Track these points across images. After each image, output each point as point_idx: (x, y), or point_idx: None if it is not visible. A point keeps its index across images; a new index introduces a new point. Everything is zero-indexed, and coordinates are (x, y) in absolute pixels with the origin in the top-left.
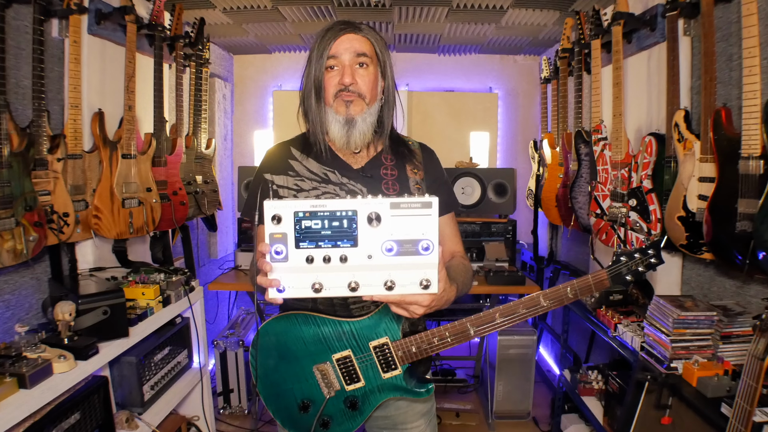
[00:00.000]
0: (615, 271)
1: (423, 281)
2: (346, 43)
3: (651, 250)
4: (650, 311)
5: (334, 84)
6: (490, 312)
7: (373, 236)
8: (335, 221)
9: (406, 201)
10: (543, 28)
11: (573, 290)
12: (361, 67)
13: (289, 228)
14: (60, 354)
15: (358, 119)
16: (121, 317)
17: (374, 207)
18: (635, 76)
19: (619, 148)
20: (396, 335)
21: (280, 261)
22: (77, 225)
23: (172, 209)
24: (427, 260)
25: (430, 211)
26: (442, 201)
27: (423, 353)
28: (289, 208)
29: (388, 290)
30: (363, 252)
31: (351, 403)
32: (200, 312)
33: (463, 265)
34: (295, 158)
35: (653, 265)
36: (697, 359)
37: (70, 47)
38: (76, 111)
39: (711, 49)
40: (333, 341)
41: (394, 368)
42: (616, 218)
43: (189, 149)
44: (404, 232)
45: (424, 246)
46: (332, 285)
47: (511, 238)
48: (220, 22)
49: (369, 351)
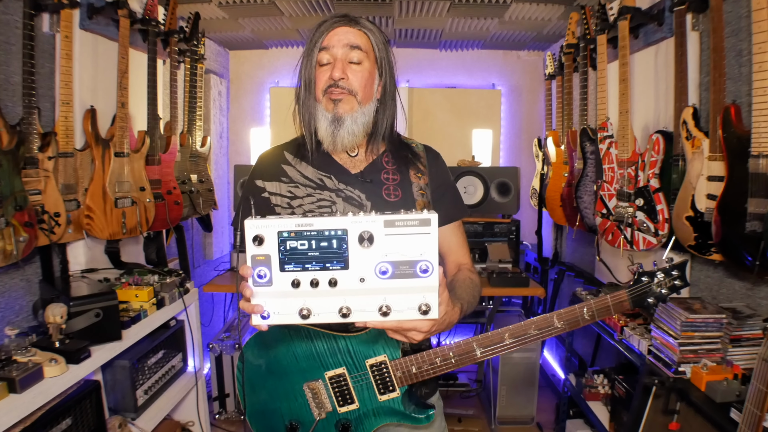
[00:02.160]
0: (636, 293)
1: (422, 306)
2: (340, 35)
3: (675, 270)
4: (658, 314)
5: (325, 79)
6: (499, 332)
7: (365, 258)
8: (323, 241)
9: (401, 218)
10: (547, 22)
11: (590, 312)
12: (354, 63)
13: (273, 249)
14: (51, 358)
15: (347, 118)
16: (114, 320)
17: (366, 226)
18: (642, 72)
19: (626, 146)
20: (395, 353)
21: (263, 285)
22: (69, 225)
23: (166, 209)
24: (425, 283)
25: (428, 229)
26: (448, 208)
27: (424, 375)
28: (272, 227)
29: (383, 316)
30: (355, 275)
31: (343, 427)
32: (195, 314)
33: (470, 280)
34: (289, 163)
35: (677, 288)
36: (706, 363)
37: (62, 42)
38: (67, 108)
39: (720, 44)
40: (327, 357)
41: (391, 390)
42: (622, 218)
43: (183, 147)
44: (400, 252)
45: (422, 268)
46: (321, 311)
47: (514, 239)
48: (215, 17)
49: (365, 369)
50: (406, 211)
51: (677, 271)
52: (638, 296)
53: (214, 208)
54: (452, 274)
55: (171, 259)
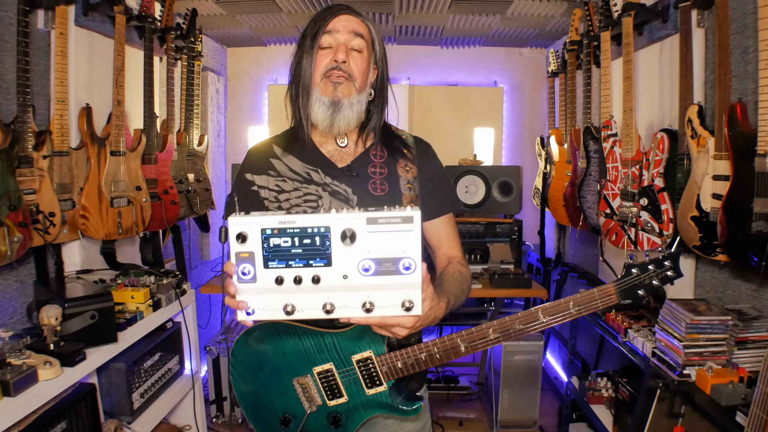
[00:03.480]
0: (625, 285)
1: (405, 302)
2: (344, 21)
3: (668, 261)
4: (662, 315)
5: (326, 63)
6: (483, 328)
7: (348, 255)
8: (306, 239)
9: (384, 215)
10: (550, 19)
11: (576, 305)
12: (355, 50)
13: (257, 246)
14: (46, 360)
15: (344, 102)
16: (110, 322)
17: (348, 223)
18: (646, 69)
19: (630, 145)
20: (381, 349)
21: (247, 282)
22: (64, 225)
23: (162, 209)
24: (408, 280)
25: (411, 227)
26: (437, 202)
27: (409, 369)
28: (256, 225)
29: (366, 312)
30: (338, 272)
31: (334, 419)
32: (192, 316)
33: (459, 273)
34: (277, 156)
35: (670, 279)
36: (711, 366)
37: (57, 39)
38: (62, 106)
39: (726, 41)
40: (314, 353)
41: (378, 384)
42: (626, 218)
43: (180, 146)
44: (383, 249)
45: (405, 265)
46: (305, 307)
47: (516, 239)
48: (213, 13)
49: (352, 365)
50: (389, 207)
51: (669, 262)
52: (627, 289)
53: (211, 208)
54: (442, 267)
55: (167, 259)
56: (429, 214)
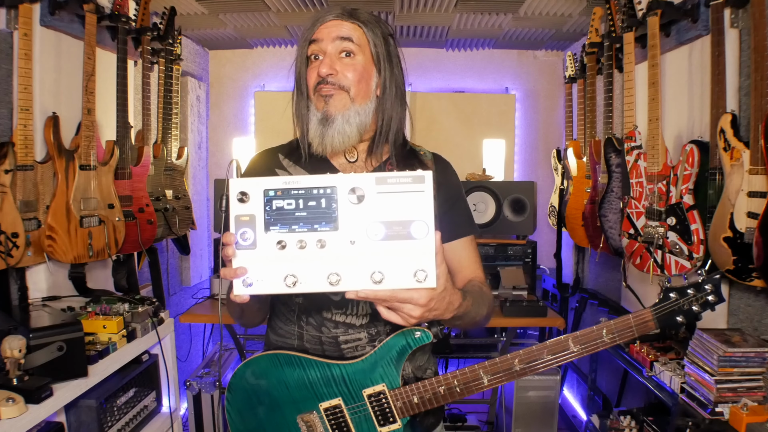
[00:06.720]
0: (663, 311)
1: (417, 272)
2: (330, 27)
3: (708, 285)
4: (692, 347)
5: (314, 76)
6: (508, 358)
7: (356, 218)
8: (311, 200)
9: (394, 176)
10: (568, 18)
11: (610, 333)
12: (346, 57)
13: (258, 209)
14: (8, 396)
15: (338, 117)
16: (79, 354)
17: (356, 182)
18: (674, 74)
19: (656, 158)
20: (395, 382)
21: (246, 248)
22: (28, 247)
23: (137, 229)
24: (421, 246)
25: (423, 187)
26: (458, 223)
27: (426, 404)
28: (258, 185)
29: (375, 284)
30: (345, 237)
31: None
32: (170, 348)
33: (479, 288)
34: (283, 167)
35: (711, 304)
36: (746, 403)
37: (20, 41)
38: (26, 115)
39: (762, 43)
40: (321, 387)
41: (392, 421)
42: (652, 239)
43: (157, 159)
44: (393, 212)
45: (417, 228)
46: (308, 278)
47: (530, 263)
48: (193, 12)
49: (363, 400)
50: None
51: (710, 286)
52: (665, 315)
53: (192, 228)
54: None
55: (143, 285)
56: (449, 235)
